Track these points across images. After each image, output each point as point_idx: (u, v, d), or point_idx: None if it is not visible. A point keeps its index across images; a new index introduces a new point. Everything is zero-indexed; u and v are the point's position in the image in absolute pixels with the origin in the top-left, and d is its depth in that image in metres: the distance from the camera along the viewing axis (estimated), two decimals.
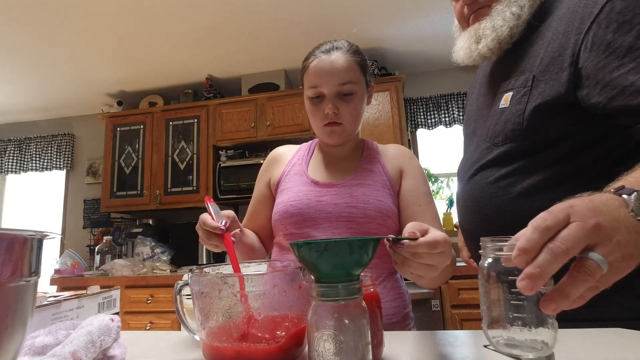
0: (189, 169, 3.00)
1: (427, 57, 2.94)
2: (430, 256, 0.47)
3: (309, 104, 0.90)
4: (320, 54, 0.87)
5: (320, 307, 0.43)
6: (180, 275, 2.56)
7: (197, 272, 0.54)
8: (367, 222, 0.84)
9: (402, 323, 0.86)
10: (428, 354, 0.54)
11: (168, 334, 0.71)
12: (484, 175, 0.79)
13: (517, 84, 0.75)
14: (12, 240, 0.34)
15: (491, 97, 0.85)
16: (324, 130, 0.89)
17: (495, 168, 0.77)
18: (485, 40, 0.79)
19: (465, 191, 0.85)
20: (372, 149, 0.98)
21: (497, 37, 0.78)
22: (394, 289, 0.88)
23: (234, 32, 2.52)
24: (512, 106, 0.75)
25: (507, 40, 0.78)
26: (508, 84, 0.78)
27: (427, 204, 0.88)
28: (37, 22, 2.29)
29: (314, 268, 0.44)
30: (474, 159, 0.84)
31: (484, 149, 0.81)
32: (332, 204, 0.86)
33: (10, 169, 3.69)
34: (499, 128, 0.77)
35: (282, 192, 0.93)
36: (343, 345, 0.41)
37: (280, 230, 0.91)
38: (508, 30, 0.77)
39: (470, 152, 0.87)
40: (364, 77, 0.90)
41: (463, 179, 0.87)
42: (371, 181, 0.89)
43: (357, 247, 0.43)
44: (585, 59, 0.65)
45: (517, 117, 0.73)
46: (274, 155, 1.03)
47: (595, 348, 0.52)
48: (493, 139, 0.79)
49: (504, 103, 0.77)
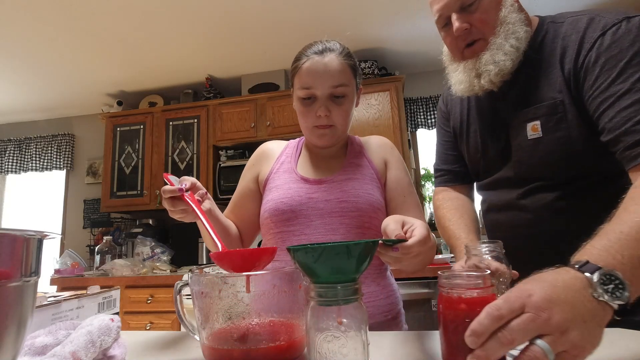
0: (189, 169, 3.00)
1: (427, 57, 2.94)
2: (420, 248, 0.52)
3: (300, 104, 0.89)
4: (313, 55, 0.86)
5: (319, 309, 0.43)
6: (180, 275, 2.56)
7: (197, 272, 0.54)
8: (358, 215, 0.85)
9: (395, 320, 0.87)
10: (427, 354, 0.54)
11: (168, 334, 0.71)
12: (537, 199, 0.79)
13: (543, 112, 0.76)
14: (12, 240, 0.34)
15: (501, 130, 0.85)
16: (315, 132, 0.89)
17: (542, 194, 0.78)
18: (489, 75, 0.79)
19: (507, 216, 0.84)
20: (356, 143, 0.98)
21: (500, 71, 0.78)
22: (387, 287, 0.89)
23: (234, 32, 2.52)
24: (549, 134, 0.75)
25: (509, 71, 0.79)
26: (528, 113, 0.78)
27: (410, 194, 0.92)
28: (38, 22, 2.29)
29: (312, 273, 0.44)
30: (503, 184, 0.85)
31: (520, 182, 0.81)
32: (323, 200, 0.86)
33: (10, 169, 3.69)
34: (535, 160, 0.78)
35: (271, 189, 0.92)
36: (342, 347, 0.41)
37: (271, 229, 0.90)
38: (510, 63, 0.77)
39: (498, 179, 0.87)
40: (355, 80, 0.90)
41: (500, 204, 0.86)
42: (360, 175, 0.90)
43: (356, 251, 0.42)
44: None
45: (559, 144, 0.74)
46: (262, 150, 1.02)
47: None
48: (530, 172, 0.79)
49: (532, 133, 0.77)
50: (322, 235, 0.84)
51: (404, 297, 2.09)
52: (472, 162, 0.96)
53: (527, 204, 0.80)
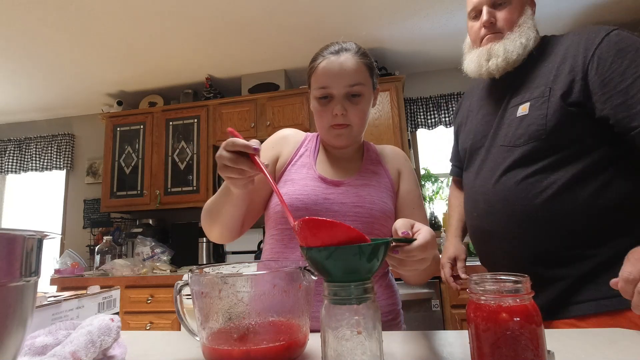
0: (189, 169, 3.00)
1: (427, 57, 2.94)
2: (422, 254, 0.52)
3: (317, 104, 0.88)
4: (329, 55, 0.86)
5: (333, 307, 0.43)
6: (180, 275, 2.56)
7: (197, 272, 0.54)
8: (371, 222, 0.85)
9: (395, 320, 0.88)
10: (428, 354, 0.54)
11: (168, 334, 0.71)
12: (510, 176, 0.89)
13: (534, 96, 0.89)
14: (12, 240, 0.34)
15: (499, 112, 0.98)
16: (331, 131, 0.88)
17: (520, 169, 0.88)
18: (496, 59, 0.94)
19: (491, 193, 0.93)
20: (372, 150, 0.99)
21: (506, 59, 0.93)
22: (388, 287, 0.90)
23: (234, 32, 2.52)
24: (533, 112, 0.88)
25: (512, 64, 0.94)
26: (522, 98, 0.92)
27: (420, 207, 0.93)
28: (38, 23, 2.29)
29: (325, 272, 0.44)
30: (494, 165, 0.94)
31: (505, 153, 0.92)
32: (339, 203, 0.86)
33: (10, 169, 3.69)
34: (520, 131, 0.89)
35: (287, 182, 0.90)
36: (357, 345, 0.41)
37: (279, 224, 0.89)
38: (516, 56, 0.93)
39: (489, 160, 0.97)
40: (371, 79, 0.90)
41: (486, 184, 0.95)
42: (376, 182, 0.91)
43: (368, 251, 0.42)
44: (592, 76, 0.82)
45: (540, 119, 0.86)
46: (284, 134, 0.99)
47: (595, 348, 0.52)
48: (514, 141, 0.90)
49: (522, 112, 0.91)
50: None
51: (404, 297, 2.09)
52: (463, 148, 1.10)
53: (505, 181, 0.91)
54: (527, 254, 0.87)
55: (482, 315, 0.39)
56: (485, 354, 0.39)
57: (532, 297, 0.40)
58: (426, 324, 2.10)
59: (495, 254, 0.95)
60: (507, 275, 0.41)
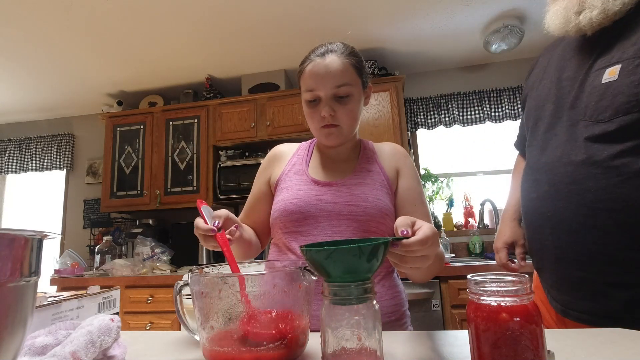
0: (189, 169, 3.00)
1: (427, 57, 2.94)
2: (422, 250, 0.51)
3: (306, 107, 0.90)
4: (315, 58, 0.87)
5: (334, 307, 0.43)
6: (180, 275, 2.56)
7: (197, 272, 0.54)
8: (366, 220, 0.85)
9: (399, 321, 0.88)
10: (428, 354, 0.54)
11: (168, 334, 0.71)
12: (588, 156, 0.72)
13: (627, 56, 0.69)
14: (12, 240, 0.34)
15: (580, 74, 0.78)
16: (322, 132, 0.90)
17: (602, 146, 0.71)
18: (591, 12, 0.72)
19: (559, 174, 0.77)
20: (369, 148, 0.99)
21: (605, 10, 0.71)
22: (392, 287, 0.90)
23: (234, 32, 2.52)
24: (623, 78, 0.69)
25: (612, 17, 0.72)
26: (611, 58, 0.72)
27: (421, 203, 0.91)
28: (38, 23, 2.29)
29: (325, 272, 0.44)
30: (566, 140, 0.77)
31: (582, 128, 0.74)
32: (332, 203, 0.87)
33: (10, 169, 3.69)
34: (605, 103, 0.71)
35: (282, 190, 0.93)
36: (357, 345, 0.41)
37: (280, 229, 0.91)
38: (620, 5, 0.70)
39: (560, 135, 0.79)
40: (360, 78, 0.90)
41: (553, 161, 0.79)
42: (370, 180, 0.91)
43: (368, 251, 0.42)
44: None
45: (631, 87, 0.68)
46: (274, 153, 1.03)
47: (595, 348, 0.52)
48: (596, 116, 0.72)
49: (608, 77, 0.71)
50: (329, 238, 0.84)
51: None
52: (529, 116, 0.92)
53: (579, 162, 0.74)
54: (591, 251, 0.72)
55: (482, 315, 0.39)
56: (485, 354, 0.39)
57: (532, 297, 0.39)
58: (426, 324, 2.10)
59: (548, 247, 0.80)
60: (507, 275, 0.41)
